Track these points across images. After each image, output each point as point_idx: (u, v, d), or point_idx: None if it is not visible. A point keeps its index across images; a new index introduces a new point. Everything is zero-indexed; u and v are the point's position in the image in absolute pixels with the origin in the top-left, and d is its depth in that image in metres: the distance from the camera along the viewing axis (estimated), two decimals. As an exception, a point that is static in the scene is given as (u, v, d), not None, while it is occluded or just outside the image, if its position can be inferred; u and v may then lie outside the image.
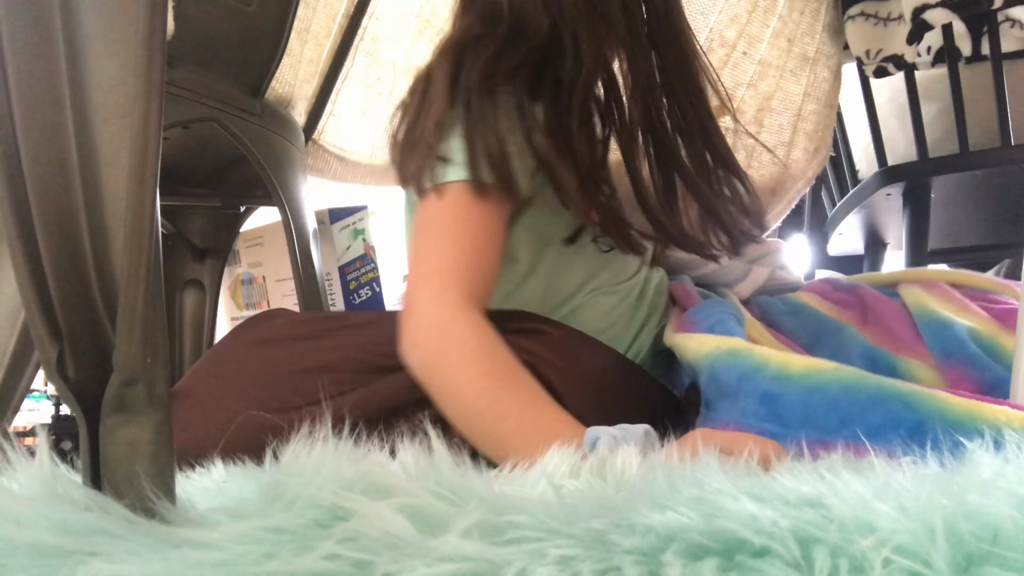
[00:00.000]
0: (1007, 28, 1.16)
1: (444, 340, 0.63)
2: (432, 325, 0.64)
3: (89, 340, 0.33)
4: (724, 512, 0.27)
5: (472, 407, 0.60)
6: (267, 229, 1.09)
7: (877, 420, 0.54)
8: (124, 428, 0.32)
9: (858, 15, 1.18)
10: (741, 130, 1.09)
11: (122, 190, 0.32)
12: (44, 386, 2.69)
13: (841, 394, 0.57)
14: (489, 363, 0.62)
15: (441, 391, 0.63)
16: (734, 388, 0.63)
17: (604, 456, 0.45)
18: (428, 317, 0.65)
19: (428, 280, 0.67)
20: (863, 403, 0.55)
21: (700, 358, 0.69)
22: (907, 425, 0.52)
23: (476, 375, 0.61)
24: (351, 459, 0.34)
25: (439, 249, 0.69)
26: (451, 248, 0.68)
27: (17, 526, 0.29)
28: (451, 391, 0.62)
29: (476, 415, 0.60)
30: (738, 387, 0.63)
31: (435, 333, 0.64)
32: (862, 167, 1.44)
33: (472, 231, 0.69)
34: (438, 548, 0.27)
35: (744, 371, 0.63)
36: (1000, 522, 0.25)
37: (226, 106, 0.82)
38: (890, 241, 1.57)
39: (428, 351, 0.64)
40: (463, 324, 0.64)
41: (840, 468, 0.33)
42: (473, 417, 0.60)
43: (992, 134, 1.18)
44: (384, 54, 1.17)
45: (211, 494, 0.45)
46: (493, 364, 0.62)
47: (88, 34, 0.32)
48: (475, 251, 0.69)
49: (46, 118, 0.32)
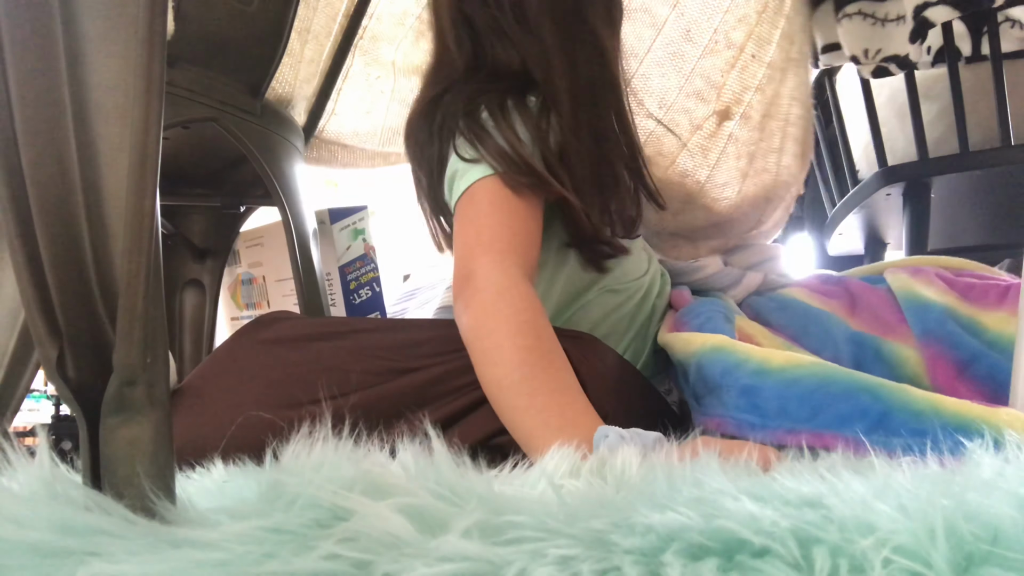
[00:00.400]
0: (1007, 28, 1.16)
1: (501, 304, 0.65)
2: (491, 288, 0.67)
3: (89, 340, 0.33)
4: (724, 512, 0.27)
5: (508, 375, 0.62)
6: (267, 229, 1.09)
7: (846, 410, 0.57)
8: (124, 428, 0.32)
9: (855, 14, 1.18)
10: (742, 138, 1.09)
11: (122, 190, 0.32)
12: (44, 386, 2.69)
13: (816, 387, 0.60)
14: (535, 339, 0.64)
15: (484, 353, 0.64)
16: (718, 382, 0.66)
17: (604, 456, 0.45)
18: (489, 280, 0.68)
19: (489, 249, 0.70)
20: (835, 395, 0.58)
21: (688, 356, 0.72)
22: (873, 415, 0.56)
23: (521, 346, 0.63)
24: (351, 459, 0.34)
25: (495, 224, 0.73)
26: (507, 225, 0.73)
27: (17, 526, 0.29)
28: (494, 354, 0.64)
29: (509, 384, 0.62)
30: (721, 381, 0.66)
31: (493, 297, 0.66)
32: (862, 167, 1.44)
33: (521, 214, 0.74)
34: (438, 548, 0.27)
35: (727, 366, 0.66)
36: (1000, 522, 0.25)
37: (226, 106, 0.82)
38: (890, 241, 1.57)
39: (484, 312, 0.66)
40: (520, 295, 0.66)
41: (840, 468, 0.33)
42: (506, 385, 0.62)
43: (992, 134, 1.18)
44: (383, 53, 1.17)
45: (211, 494, 0.45)
46: (538, 341, 0.64)
47: (88, 34, 0.32)
48: (526, 232, 0.74)
49: (46, 118, 0.32)
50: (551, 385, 0.61)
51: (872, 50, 1.18)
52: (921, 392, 0.56)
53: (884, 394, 0.57)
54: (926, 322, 0.73)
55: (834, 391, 0.59)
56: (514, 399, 0.61)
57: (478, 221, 0.73)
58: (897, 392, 0.56)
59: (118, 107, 0.32)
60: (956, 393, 0.62)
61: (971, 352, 0.68)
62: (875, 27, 1.18)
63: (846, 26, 1.18)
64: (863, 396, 0.57)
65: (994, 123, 1.16)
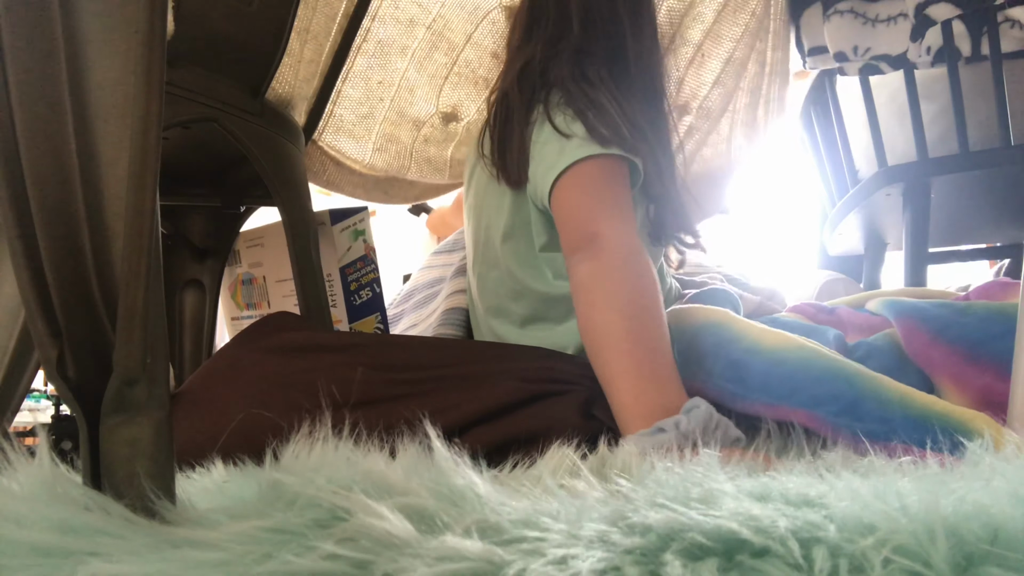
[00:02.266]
0: (1007, 28, 1.16)
1: (631, 261, 0.70)
2: (623, 246, 0.71)
3: (89, 340, 0.33)
4: (724, 512, 0.27)
5: (620, 322, 0.66)
6: (267, 229, 1.08)
7: (821, 393, 0.61)
8: (124, 428, 0.32)
9: (847, 11, 1.18)
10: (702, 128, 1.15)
11: (122, 190, 0.32)
12: (44, 386, 2.69)
13: (798, 367, 0.64)
14: (651, 301, 0.69)
15: (610, 295, 0.68)
16: (709, 351, 0.70)
17: (604, 455, 0.45)
18: (620, 240, 0.71)
19: (612, 215, 0.74)
20: (814, 377, 0.63)
21: (687, 326, 0.75)
22: (845, 400, 0.60)
23: (637, 303, 0.67)
24: (351, 459, 0.34)
25: (615, 195, 0.77)
26: (624, 197, 0.78)
27: (17, 526, 0.29)
28: (614, 300, 0.68)
29: (618, 330, 0.66)
30: (713, 351, 0.70)
31: (624, 253, 0.70)
32: (862, 167, 1.44)
33: (628, 189, 0.79)
34: (438, 548, 0.27)
35: (720, 339, 0.70)
36: (1000, 522, 0.25)
37: (226, 106, 0.82)
38: (890, 241, 1.57)
39: (612, 264, 0.70)
40: (646, 261, 0.71)
41: (840, 468, 0.33)
42: (613, 330, 0.66)
43: (992, 134, 1.18)
44: (393, 61, 1.17)
45: (211, 494, 0.45)
46: (653, 304, 0.69)
47: (88, 34, 0.32)
48: (631, 207, 0.78)
49: (46, 118, 0.32)
50: (653, 345, 0.65)
51: (861, 48, 1.18)
52: (895, 384, 0.60)
53: (858, 382, 0.60)
54: (898, 306, 0.77)
55: (814, 374, 0.63)
56: (618, 342, 0.65)
57: (596, 191, 0.77)
58: (870, 381, 0.60)
59: (118, 107, 0.32)
60: (930, 359, 0.67)
61: (942, 321, 0.71)
62: (865, 26, 1.18)
63: (835, 23, 1.18)
64: (839, 382, 0.61)
65: (994, 123, 1.16)
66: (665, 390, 0.62)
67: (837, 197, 1.52)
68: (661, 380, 0.63)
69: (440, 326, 1.06)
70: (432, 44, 1.18)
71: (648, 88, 0.90)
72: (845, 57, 1.19)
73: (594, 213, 0.75)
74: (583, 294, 0.70)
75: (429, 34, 1.17)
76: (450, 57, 1.20)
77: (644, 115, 0.86)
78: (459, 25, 1.18)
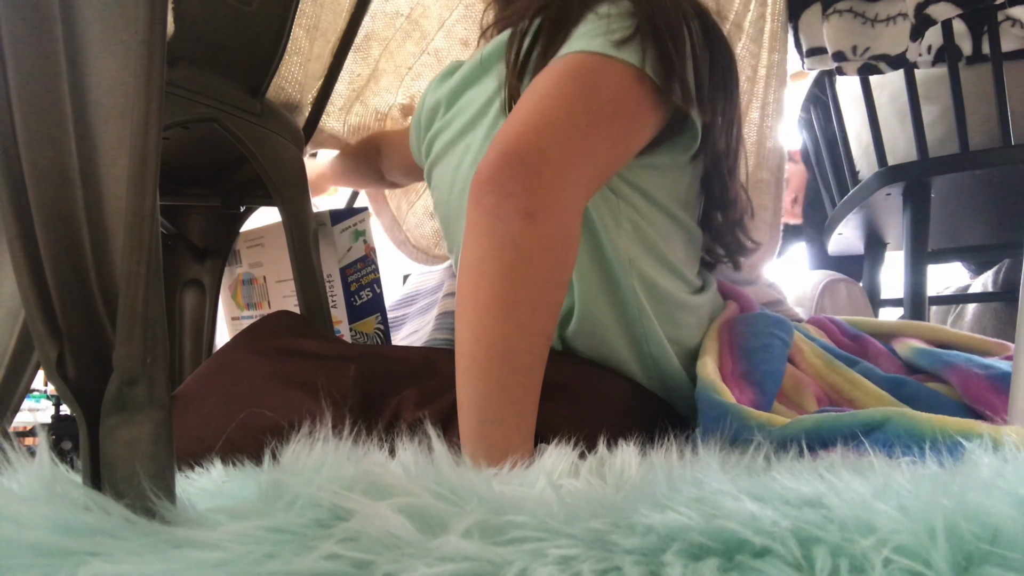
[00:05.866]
0: (1007, 27, 1.16)
1: (573, 243, 0.59)
2: (573, 215, 0.60)
3: (89, 340, 0.33)
4: (724, 512, 0.27)
5: (496, 327, 0.54)
6: (267, 229, 1.08)
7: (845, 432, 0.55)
8: (124, 428, 0.32)
9: (847, 11, 1.18)
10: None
11: (122, 190, 0.31)
12: (44, 386, 2.68)
13: (813, 429, 0.57)
14: (552, 312, 0.56)
15: (510, 284, 0.54)
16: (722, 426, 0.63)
17: (604, 456, 0.45)
18: (572, 201, 0.60)
19: (586, 157, 0.58)
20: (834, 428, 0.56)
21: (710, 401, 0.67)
22: (870, 427, 0.53)
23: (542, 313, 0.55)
24: (351, 459, 0.34)
25: (611, 131, 0.62)
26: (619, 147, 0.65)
27: (17, 526, 0.29)
28: (519, 291, 0.54)
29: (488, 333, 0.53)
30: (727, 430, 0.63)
31: (568, 226, 0.59)
32: (862, 167, 1.44)
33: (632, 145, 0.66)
34: (438, 548, 0.27)
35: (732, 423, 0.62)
36: (1000, 522, 0.25)
37: (226, 106, 0.82)
38: (890, 241, 1.57)
39: (555, 232, 0.58)
40: (577, 245, 0.61)
41: (840, 468, 0.33)
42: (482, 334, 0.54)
43: (992, 134, 1.18)
44: (373, 53, 1.18)
45: (211, 494, 0.45)
46: (553, 317, 0.57)
47: (88, 34, 0.32)
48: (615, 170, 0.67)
49: (46, 118, 0.32)
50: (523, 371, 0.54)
51: (860, 47, 1.18)
52: (923, 415, 0.53)
53: (880, 414, 0.54)
54: (948, 356, 0.74)
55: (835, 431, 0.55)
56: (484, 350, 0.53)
57: (584, 97, 0.58)
58: (896, 414, 0.53)
59: (118, 107, 0.32)
60: (992, 403, 0.63)
61: (998, 370, 0.67)
62: (864, 26, 1.18)
63: (835, 22, 1.18)
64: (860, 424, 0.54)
65: (994, 123, 1.16)
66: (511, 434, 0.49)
67: (837, 197, 1.52)
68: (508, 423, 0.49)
69: (435, 331, 1.06)
70: (406, 33, 1.18)
71: (724, 49, 0.71)
72: (844, 57, 1.19)
73: (556, 127, 0.50)
74: (472, 255, 0.49)
75: (407, 23, 1.18)
76: (420, 47, 1.21)
77: (719, 76, 0.66)
78: (435, 11, 1.19)
